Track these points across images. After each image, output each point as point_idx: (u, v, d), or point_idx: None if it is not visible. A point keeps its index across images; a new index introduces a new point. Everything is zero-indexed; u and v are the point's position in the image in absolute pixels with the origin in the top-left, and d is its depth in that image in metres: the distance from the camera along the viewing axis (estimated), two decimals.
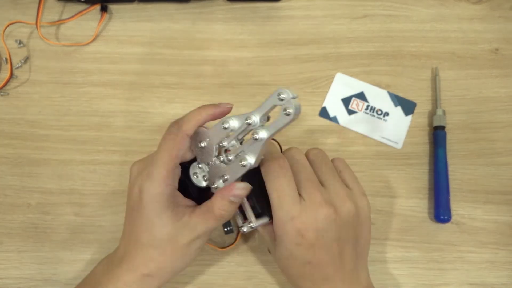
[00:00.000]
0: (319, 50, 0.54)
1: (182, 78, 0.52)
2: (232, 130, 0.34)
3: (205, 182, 0.38)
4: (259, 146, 0.33)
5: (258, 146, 0.33)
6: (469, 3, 0.55)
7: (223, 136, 0.35)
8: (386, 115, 0.51)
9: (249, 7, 0.55)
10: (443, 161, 0.47)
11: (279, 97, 0.31)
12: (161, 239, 0.36)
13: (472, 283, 0.44)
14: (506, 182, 0.47)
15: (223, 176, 0.35)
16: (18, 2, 0.56)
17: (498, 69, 0.52)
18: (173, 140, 0.36)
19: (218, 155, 0.36)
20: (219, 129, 0.35)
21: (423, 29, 0.54)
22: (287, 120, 0.31)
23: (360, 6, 0.55)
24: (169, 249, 0.37)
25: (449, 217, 0.45)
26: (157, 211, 0.36)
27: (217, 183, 0.36)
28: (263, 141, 0.33)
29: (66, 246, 0.46)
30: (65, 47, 0.54)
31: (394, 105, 0.51)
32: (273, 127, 0.32)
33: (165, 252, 0.37)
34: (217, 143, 0.36)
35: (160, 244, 0.36)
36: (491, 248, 0.45)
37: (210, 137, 0.36)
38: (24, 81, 0.53)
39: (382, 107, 0.51)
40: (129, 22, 0.55)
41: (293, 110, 0.30)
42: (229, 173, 0.35)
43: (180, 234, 0.36)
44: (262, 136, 0.33)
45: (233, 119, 0.34)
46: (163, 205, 0.36)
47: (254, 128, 0.33)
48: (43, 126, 0.51)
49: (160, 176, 0.36)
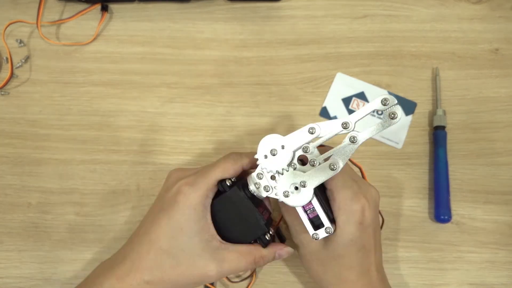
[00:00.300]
0: (319, 50, 0.54)
1: (182, 78, 0.53)
2: (317, 136, 0.34)
3: (266, 192, 0.36)
4: (352, 150, 0.34)
5: (352, 150, 0.34)
6: (469, 3, 0.55)
7: (304, 142, 0.35)
8: None
9: (249, 7, 0.55)
10: (444, 161, 0.47)
11: (383, 102, 0.33)
12: (182, 249, 0.35)
13: (472, 283, 0.44)
14: (506, 182, 0.47)
15: (300, 183, 0.35)
16: (19, 1, 0.56)
17: (498, 69, 0.52)
18: (232, 164, 0.37)
19: (291, 161, 0.35)
20: (303, 135, 0.35)
21: (423, 29, 0.54)
22: (393, 123, 0.33)
23: (360, 6, 0.55)
24: (184, 265, 0.35)
25: (449, 217, 0.45)
26: (190, 218, 0.35)
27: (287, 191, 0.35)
28: (358, 145, 0.34)
29: (66, 246, 0.46)
30: (66, 47, 0.54)
31: None
32: (373, 130, 0.33)
33: (178, 265, 0.35)
34: (296, 149, 0.35)
35: (177, 255, 0.35)
36: (491, 248, 0.45)
37: (286, 143, 0.35)
38: (24, 81, 0.53)
39: None
40: (129, 22, 0.55)
41: (399, 113, 0.33)
42: (310, 178, 0.35)
43: (202, 257, 0.35)
44: (361, 138, 0.34)
45: (319, 125, 0.34)
46: (197, 215, 0.35)
47: (348, 133, 0.34)
48: (44, 125, 0.51)
49: (206, 186, 0.36)
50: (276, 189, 0.36)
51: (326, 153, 0.35)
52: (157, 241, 0.36)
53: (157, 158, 0.49)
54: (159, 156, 0.49)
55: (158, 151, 0.50)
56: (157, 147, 0.50)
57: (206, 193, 0.36)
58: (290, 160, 0.35)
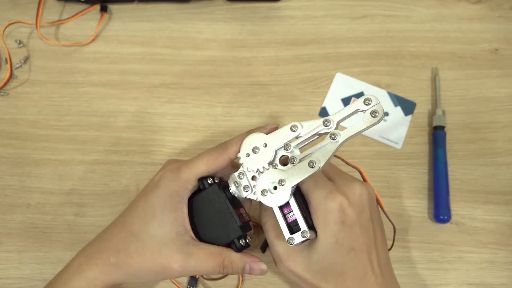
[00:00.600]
0: (319, 50, 0.54)
1: (182, 78, 0.52)
2: (299, 135, 0.35)
3: (245, 192, 0.36)
4: (333, 149, 0.33)
5: (332, 149, 0.33)
6: (469, 3, 0.55)
7: (286, 141, 0.35)
8: (386, 115, 0.51)
9: (249, 7, 0.55)
10: (443, 161, 0.47)
11: (365, 102, 0.33)
12: (151, 236, 0.34)
13: (472, 283, 0.44)
14: (506, 182, 0.47)
15: (279, 181, 0.34)
16: (18, 2, 0.56)
17: (498, 69, 0.52)
18: (216, 158, 0.36)
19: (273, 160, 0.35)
20: (285, 133, 0.35)
21: (423, 29, 0.54)
22: (374, 121, 0.33)
23: (360, 6, 0.55)
24: (149, 251, 0.34)
25: (449, 217, 0.45)
26: (165, 206, 0.34)
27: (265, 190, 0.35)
28: (339, 143, 0.33)
29: (66, 246, 0.46)
30: (65, 47, 0.54)
31: (394, 105, 0.51)
32: (352, 130, 0.33)
33: (143, 250, 0.34)
34: (278, 148, 0.35)
35: (145, 240, 0.34)
36: (491, 248, 0.45)
37: (269, 141, 0.35)
38: (24, 81, 0.53)
39: None
40: (129, 22, 0.55)
41: (381, 112, 0.32)
42: (289, 176, 0.34)
43: (169, 247, 0.34)
44: (341, 138, 0.33)
45: (302, 123, 0.35)
46: (173, 204, 0.34)
47: (329, 132, 0.34)
48: (43, 126, 0.51)
49: (186, 177, 0.35)
50: (256, 189, 0.35)
51: (306, 151, 0.34)
52: (129, 224, 0.35)
53: (157, 159, 0.49)
54: (159, 157, 0.49)
55: (158, 151, 0.50)
56: (156, 148, 0.50)
57: (185, 185, 0.35)
58: (271, 158, 0.35)
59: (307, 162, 0.34)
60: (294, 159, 0.34)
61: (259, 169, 0.35)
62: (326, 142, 0.34)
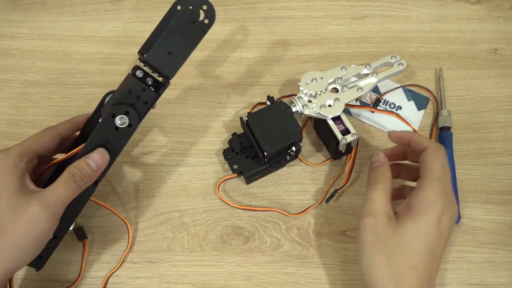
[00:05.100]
0: (318, 51, 0.54)
1: (182, 79, 0.53)
2: (347, 73, 0.47)
3: (306, 109, 0.46)
4: (374, 82, 0.47)
5: (373, 82, 0.47)
6: (468, 4, 0.55)
7: (337, 76, 0.47)
8: (399, 108, 0.51)
9: (248, 7, 0.55)
10: (450, 161, 0.47)
11: (392, 58, 0.48)
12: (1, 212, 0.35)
13: (472, 283, 0.44)
14: (505, 182, 0.47)
15: (334, 99, 0.45)
16: (18, 3, 0.56)
17: (498, 69, 0.52)
18: (46, 133, 0.40)
19: (326, 88, 0.47)
20: (336, 71, 0.47)
21: (422, 29, 0.54)
22: (400, 69, 0.47)
23: (359, 7, 0.55)
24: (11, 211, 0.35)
25: (459, 218, 0.45)
26: (6, 180, 0.36)
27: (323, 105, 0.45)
28: (379, 78, 0.47)
29: (66, 247, 0.46)
30: (65, 48, 0.54)
31: (407, 100, 0.51)
32: (386, 72, 0.47)
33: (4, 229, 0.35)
34: (331, 81, 0.47)
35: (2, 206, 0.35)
36: (491, 248, 0.45)
37: (324, 75, 0.47)
38: (23, 82, 0.53)
39: (395, 101, 0.51)
40: (129, 23, 0.55)
41: (405, 63, 0.47)
42: (342, 96, 0.46)
43: (22, 199, 0.35)
44: (380, 75, 0.47)
45: (348, 67, 0.47)
46: (13, 176, 0.36)
47: (369, 72, 0.47)
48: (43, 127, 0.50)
49: (19, 150, 0.38)
50: (313, 107, 0.46)
51: (354, 81, 0.47)
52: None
53: (157, 159, 0.49)
54: (159, 157, 0.49)
55: (158, 152, 0.50)
56: (156, 148, 0.50)
57: (20, 157, 0.37)
58: (326, 86, 0.46)
59: (356, 88, 0.46)
60: (345, 86, 0.46)
61: (316, 92, 0.46)
62: (369, 78, 0.47)
